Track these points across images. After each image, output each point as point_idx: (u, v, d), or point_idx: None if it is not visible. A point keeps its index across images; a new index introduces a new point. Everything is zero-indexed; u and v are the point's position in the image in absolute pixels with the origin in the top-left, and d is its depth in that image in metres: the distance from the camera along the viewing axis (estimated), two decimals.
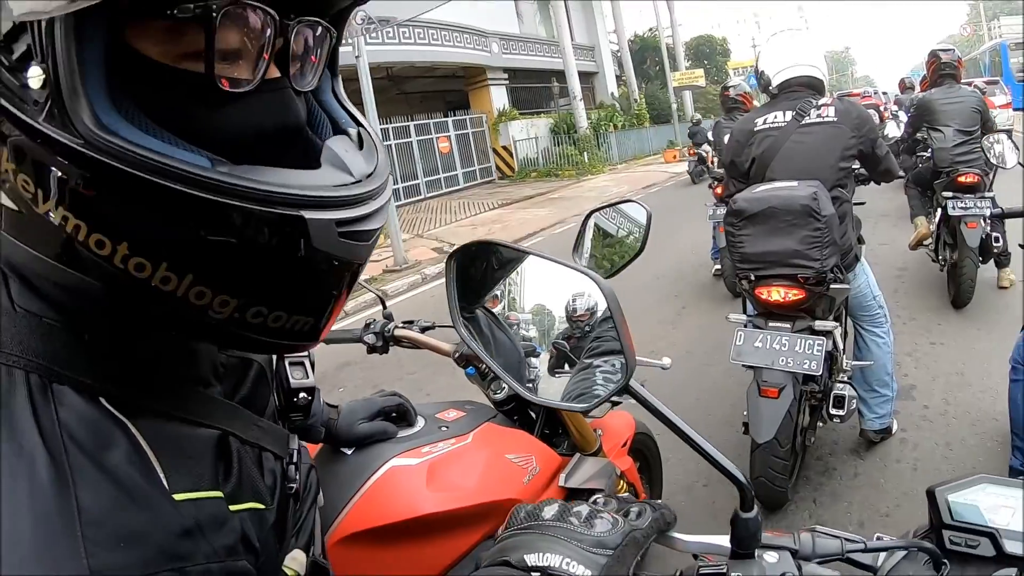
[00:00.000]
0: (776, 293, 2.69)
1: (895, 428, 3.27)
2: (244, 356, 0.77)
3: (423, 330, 1.80)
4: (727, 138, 3.53)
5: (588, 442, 1.60)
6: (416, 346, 1.78)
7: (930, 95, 5.27)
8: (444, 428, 1.42)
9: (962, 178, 4.84)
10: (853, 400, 2.83)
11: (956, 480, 0.84)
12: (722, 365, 3.62)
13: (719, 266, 6.27)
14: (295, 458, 0.81)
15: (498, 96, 22.07)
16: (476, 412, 1.54)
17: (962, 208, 4.74)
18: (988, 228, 4.74)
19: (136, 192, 0.49)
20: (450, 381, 4.00)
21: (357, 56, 8.56)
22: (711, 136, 7.55)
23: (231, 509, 0.60)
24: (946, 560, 0.78)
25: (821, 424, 3.02)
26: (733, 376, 3.82)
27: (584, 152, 21.57)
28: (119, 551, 0.47)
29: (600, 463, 1.56)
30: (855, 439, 3.27)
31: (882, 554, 0.83)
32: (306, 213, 0.54)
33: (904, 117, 7.15)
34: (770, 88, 3.13)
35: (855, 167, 3.08)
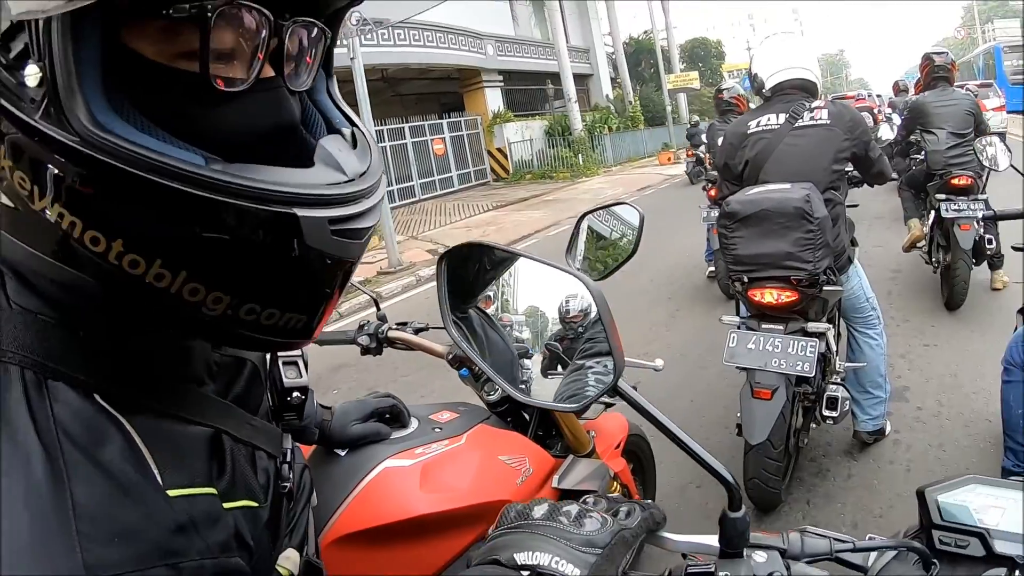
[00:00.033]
0: (769, 295, 2.69)
1: (888, 429, 3.28)
2: (237, 355, 0.77)
3: (417, 332, 1.81)
4: (721, 140, 3.54)
5: (581, 443, 1.61)
6: (410, 348, 1.78)
7: (923, 98, 5.29)
8: (437, 429, 1.42)
9: (955, 180, 4.86)
10: (846, 401, 2.84)
11: (946, 480, 0.84)
12: (716, 367, 3.64)
13: (713, 268, 6.28)
14: (288, 457, 0.81)
15: (493, 98, 22.06)
16: (469, 413, 1.54)
17: (955, 210, 4.76)
18: (981, 230, 4.77)
19: (131, 189, 0.50)
20: (444, 383, 4.01)
21: (352, 58, 8.55)
22: (704, 138, 7.57)
23: (224, 507, 0.61)
24: (936, 560, 0.78)
25: (814, 425, 3.03)
26: (727, 378, 3.83)
27: (579, 154, 21.56)
28: (113, 546, 0.48)
29: (593, 464, 1.55)
30: (848, 440, 3.28)
31: (872, 554, 0.83)
32: (299, 211, 0.54)
33: (898, 120, 7.19)
34: (764, 91, 3.14)
35: (848, 169, 3.09)
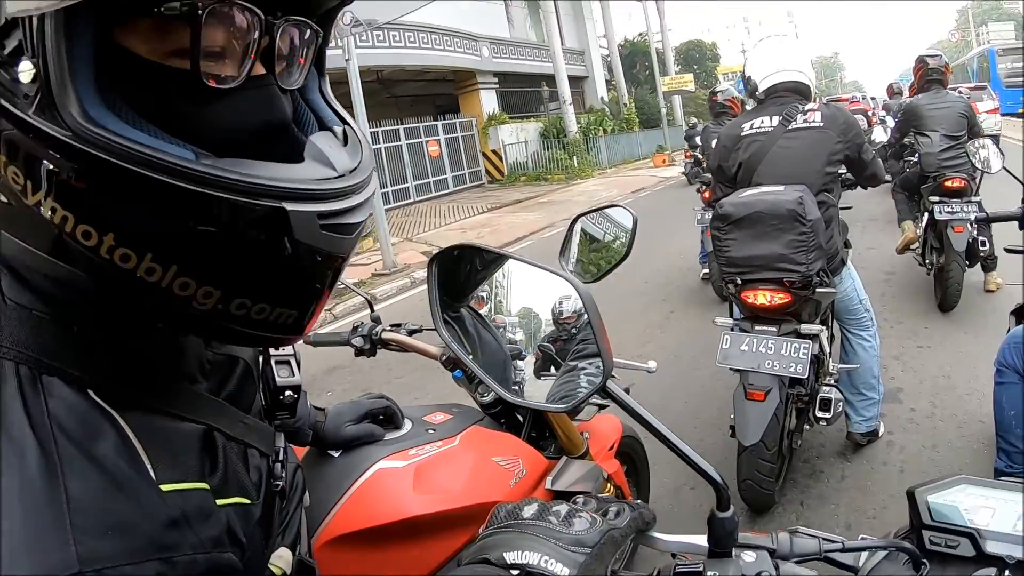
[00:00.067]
0: (762, 297, 2.70)
1: (882, 431, 3.29)
2: (230, 354, 0.77)
3: (411, 333, 1.81)
4: (714, 143, 3.55)
5: (575, 445, 1.61)
6: (404, 349, 1.78)
7: (917, 100, 5.31)
8: (431, 431, 1.42)
9: (949, 183, 4.89)
10: (839, 403, 2.84)
11: (936, 481, 0.85)
12: (710, 368, 3.65)
13: (707, 270, 6.28)
14: (281, 456, 0.81)
15: (488, 100, 22.06)
16: (463, 415, 1.54)
17: (949, 212, 4.78)
18: (975, 232, 4.78)
19: (122, 183, 0.50)
20: (438, 385, 4.00)
21: (347, 59, 8.52)
22: (699, 140, 7.58)
23: (217, 503, 0.61)
24: (925, 560, 0.78)
25: (808, 427, 3.03)
26: (721, 379, 3.83)
27: (573, 156, 21.57)
28: (107, 539, 0.48)
29: (587, 466, 1.56)
30: (842, 442, 3.29)
31: (863, 554, 0.83)
32: (288, 205, 0.55)
33: (892, 122, 7.22)
34: (757, 93, 3.15)
35: (841, 172, 3.10)
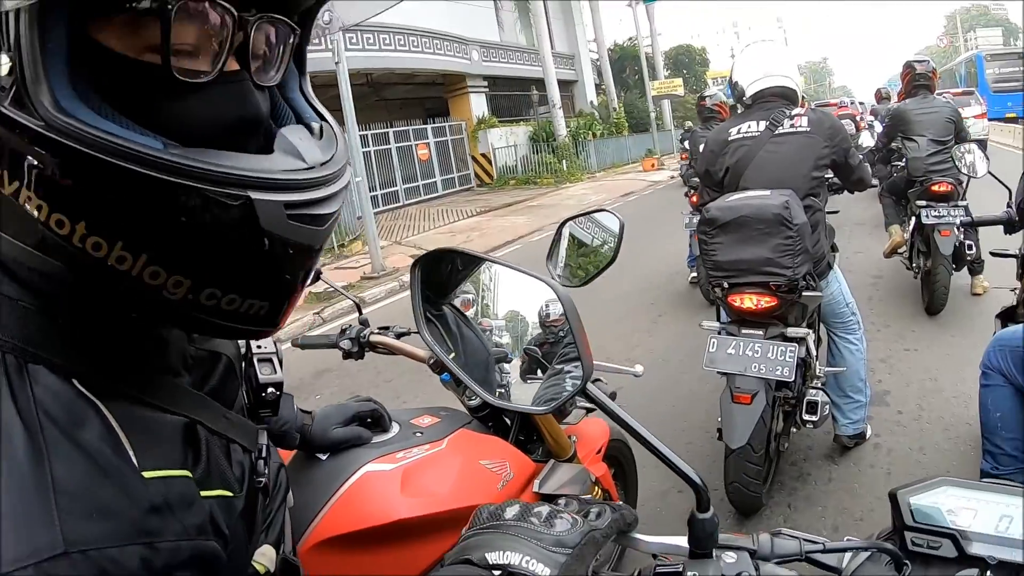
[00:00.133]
0: (749, 300, 2.71)
1: (869, 433, 3.32)
2: (213, 349, 0.78)
3: (399, 336, 1.81)
4: (702, 147, 3.56)
5: (563, 448, 1.61)
6: (392, 352, 1.78)
7: (905, 105, 5.36)
8: (419, 434, 1.42)
9: (936, 187, 4.93)
10: (826, 406, 2.86)
11: (918, 482, 0.85)
12: (697, 372, 3.66)
13: (695, 274, 6.29)
14: (264, 453, 0.81)
15: (477, 103, 22.05)
16: (451, 418, 1.54)
17: (936, 216, 4.82)
18: (961, 236, 4.83)
19: (91, 172, 0.51)
20: (426, 388, 4.00)
21: (337, 62, 8.50)
22: (687, 145, 7.61)
23: (200, 494, 0.62)
24: (908, 561, 0.79)
25: (795, 430, 3.05)
26: (709, 383, 3.85)
27: (563, 160, 21.59)
28: (92, 522, 0.49)
29: (574, 469, 1.56)
30: (829, 444, 3.31)
31: (846, 555, 0.84)
32: (253, 193, 0.55)
33: (879, 127, 7.26)
34: (744, 99, 3.16)
35: (828, 176, 3.12)
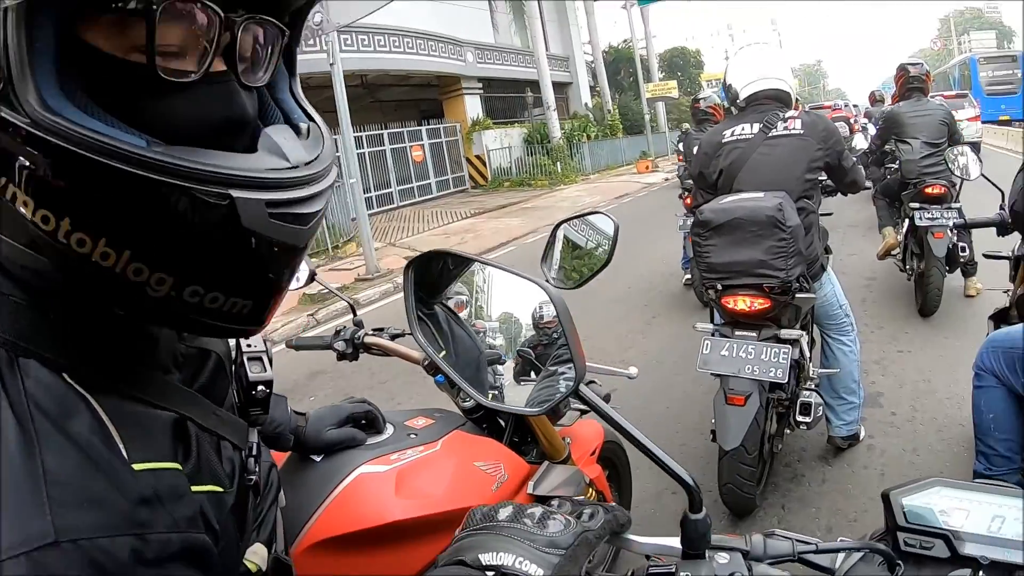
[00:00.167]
0: (742, 302, 2.72)
1: (863, 435, 3.33)
2: (202, 347, 0.78)
3: (393, 337, 1.81)
4: (696, 149, 3.57)
5: (557, 450, 1.61)
6: (386, 353, 1.78)
7: (898, 108, 5.39)
8: (413, 435, 1.42)
9: (929, 189, 4.95)
10: (819, 407, 2.86)
11: (911, 483, 0.86)
12: (692, 373, 3.66)
13: (689, 276, 6.30)
14: (254, 451, 0.82)
15: (472, 105, 22.05)
16: (445, 420, 1.54)
17: (929, 219, 4.84)
18: (955, 238, 4.85)
19: (75, 169, 0.52)
20: (420, 389, 3.99)
21: (332, 63, 8.49)
22: (681, 147, 7.62)
23: (191, 489, 0.62)
24: (900, 561, 0.79)
25: (788, 431, 3.05)
26: (703, 384, 3.85)
27: (557, 162, 21.59)
28: (83, 511, 0.49)
29: (569, 471, 1.56)
30: (823, 446, 3.31)
31: (839, 556, 0.84)
32: (234, 192, 0.55)
33: (873, 129, 7.28)
34: (738, 101, 3.17)
35: (822, 178, 3.13)
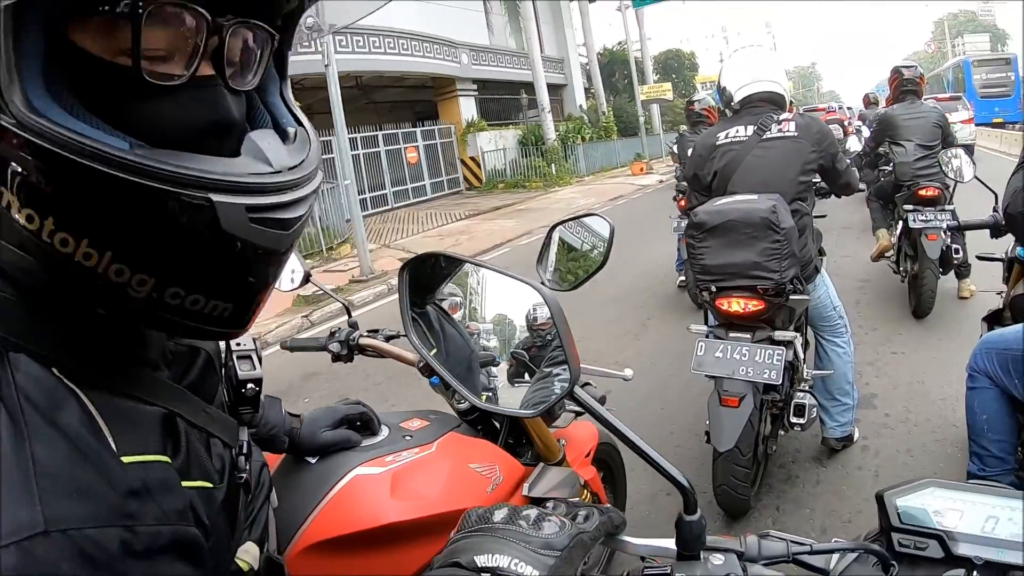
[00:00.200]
0: (736, 304, 2.72)
1: (856, 436, 3.33)
2: (192, 345, 0.78)
3: (388, 339, 1.81)
4: (690, 152, 3.57)
5: (552, 452, 1.61)
6: (381, 355, 1.78)
7: (892, 111, 5.41)
8: (408, 437, 1.42)
9: (923, 192, 4.98)
10: (813, 408, 2.87)
11: (905, 484, 0.86)
12: (686, 375, 3.67)
13: (683, 278, 6.31)
14: (245, 449, 0.82)
15: (467, 107, 22.03)
16: (440, 421, 1.54)
17: (923, 221, 4.86)
18: (948, 240, 4.86)
19: (58, 169, 0.52)
20: (415, 391, 3.98)
21: (327, 64, 8.48)
22: (675, 149, 7.64)
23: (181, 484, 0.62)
24: (895, 562, 0.79)
25: (783, 432, 3.06)
26: (697, 386, 3.86)
27: (552, 164, 21.58)
28: (72, 502, 0.49)
29: (564, 473, 1.56)
30: (817, 447, 3.32)
31: (834, 557, 0.84)
32: (214, 196, 0.56)
33: (867, 132, 7.32)
34: (732, 104, 3.17)
35: (815, 181, 3.14)
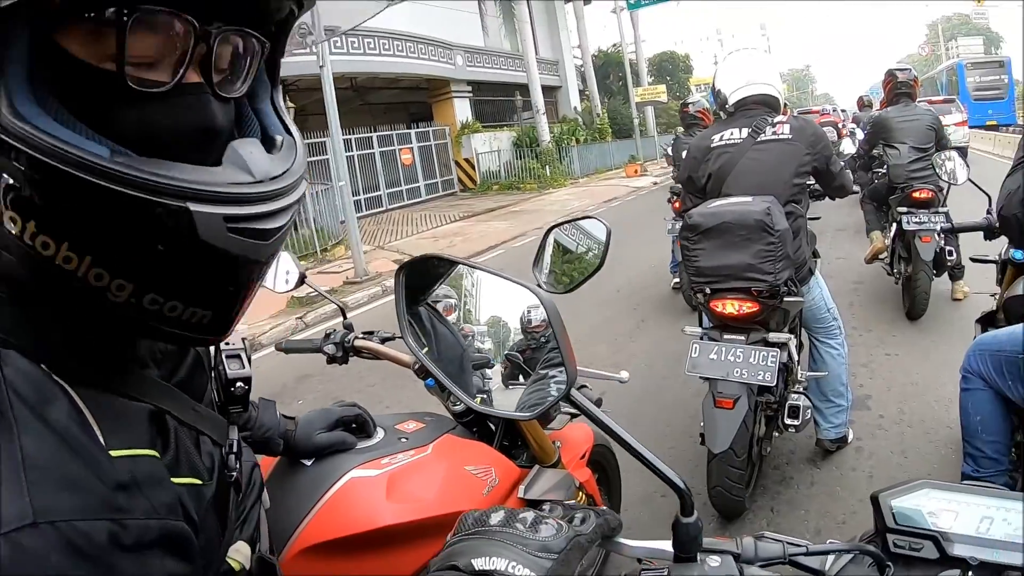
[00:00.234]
0: (730, 306, 2.73)
1: (851, 437, 3.34)
2: None
3: (383, 341, 1.80)
4: (685, 154, 3.58)
5: (547, 454, 1.61)
6: (376, 357, 1.78)
7: (886, 113, 5.43)
8: (403, 439, 1.42)
9: (917, 194, 5.00)
10: (808, 410, 2.88)
11: (900, 485, 0.86)
12: (681, 377, 3.67)
13: (678, 280, 6.32)
14: (234, 448, 0.81)
15: (461, 108, 22.03)
16: (436, 424, 1.54)
17: (916, 223, 4.88)
18: (942, 242, 4.89)
19: (39, 174, 0.52)
20: (409, 393, 3.98)
21: (321, 65, 8.49)
22: (670, 151, 7.65)
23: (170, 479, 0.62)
24: (890, 563, 0.79)
25: (777, 434, 3.07)
26: (692, 388, 3.85)
27: (546, 166, 21.59)
28: (61, 494, 0.49)
29: (559, 475, 1.56)
30: (811, 449, 3.33)
31: (829, 558, 0.84)
32: (192, 205, 0.55)
33: (861, 134, 7.34)
34: (727, 106, 3.18)
35: (810, 183, 3.15)
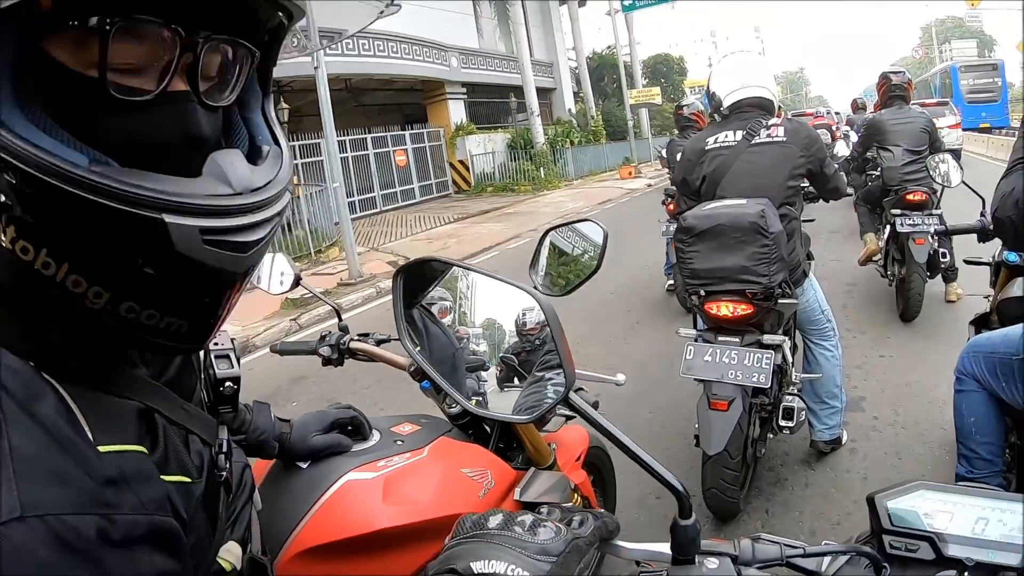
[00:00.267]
0: (725, 308, 2.73)
1: (845, 439, 3.35)
2: None
3: (378, 343, 1.80)
4: (679, 156, 3.59)
5: (543, 456, 1.61)
6: (371, 359, 1.77)
7: (880, 116, 5.45)
8: (399, 442, 1.41)
9: (910, 196, 5.01)
10: (802, 412, 2.89)
11: (895, 486, 0.86)
12: (675, 379, 3.66)
13: (672, 282, 6.32)
14: (224, 448, 0.81)
15: (456, 110, 22.04)
16: (431, 426, 1.54)
17: (910, 225, 4.90)
18: (935, 244, 4.91)
19: (18, 181, 0.52)
20: (404, 395, 3.98)
21: (316, 67, 8.48)
22: (664, 153, 7.66)
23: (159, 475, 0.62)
24: (886, 564, 0.80)
25: (771, 436, 3.07)
26: (686, 390, 3.85)
27: (540, 167, 21.59)
28: (49, 488, 0.49)
29: (554, 477, 1.55)
30: (806, 450, 3.34)
31: (825, 559, 0.85)
32: (168, 217, 0.56)
33: (855, 137, 7.37)
34: (721, 109, 3.18)
35: (804, 185, 3.15)
